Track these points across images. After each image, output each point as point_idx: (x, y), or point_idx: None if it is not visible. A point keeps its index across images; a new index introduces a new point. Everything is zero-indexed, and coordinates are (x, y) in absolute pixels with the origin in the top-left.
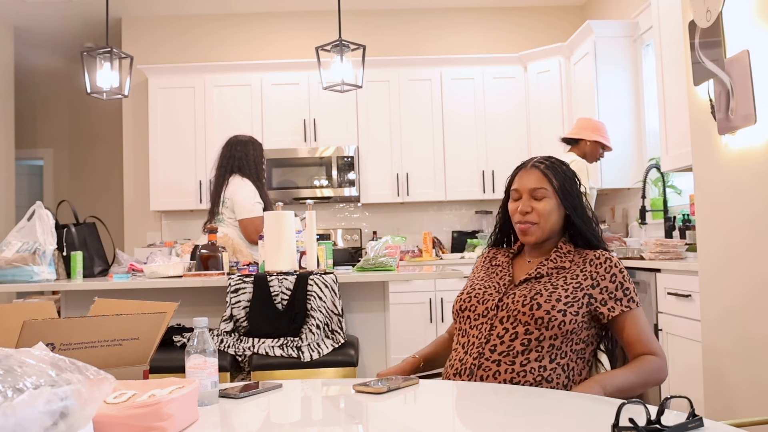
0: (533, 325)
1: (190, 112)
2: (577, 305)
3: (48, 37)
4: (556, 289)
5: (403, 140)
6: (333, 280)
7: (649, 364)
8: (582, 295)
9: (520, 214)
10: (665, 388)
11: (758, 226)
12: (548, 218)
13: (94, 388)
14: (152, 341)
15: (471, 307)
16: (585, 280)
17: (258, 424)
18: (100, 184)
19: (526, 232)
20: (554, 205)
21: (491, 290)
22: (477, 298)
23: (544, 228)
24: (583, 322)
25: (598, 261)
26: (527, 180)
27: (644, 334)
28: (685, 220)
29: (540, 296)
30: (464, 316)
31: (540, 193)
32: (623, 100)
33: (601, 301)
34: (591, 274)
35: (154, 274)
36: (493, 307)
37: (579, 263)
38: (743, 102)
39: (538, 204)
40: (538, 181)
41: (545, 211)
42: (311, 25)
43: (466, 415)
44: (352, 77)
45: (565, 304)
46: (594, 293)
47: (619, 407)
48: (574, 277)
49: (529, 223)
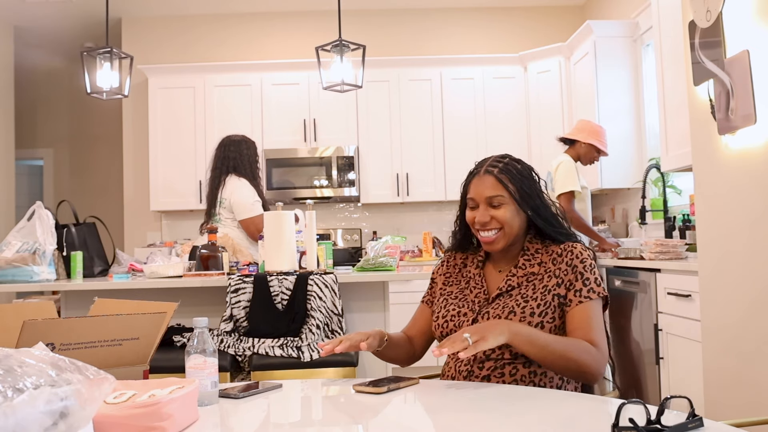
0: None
1: (190, 112)
2: (551, 310)
3: (48, 37)
4: (528, 302)
5: (403, 140)
6: (333, 280)
7: (579, 344)
8: (551, 297)
9: (480, 224)
10: (665, 388)
11: (758, 226)
12: (511, 224)
13: (94, 388)
14: (152, 341)
15: (450, 332)
16: (550, 281)
17: (258, 424)
18: (100, 184)
19: (491, 243)
20: (514, 211)
21: (465, 309)
22: (454, 322)
23: (508, 234)
24: (561, 323)
25: (560, 257)
26: (482, 188)
27: (590, 324)
28: (685, 220)
29: (514, 315)
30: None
31: (497, 200)
32: (623, 100)
33: (566, 296)
34: (555, 272)
35: (154, 274)
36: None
37: (546, 264)
38: (743, 102)
39: (496, 212)
40: (493, 188)
41: (505, 219)
42: (311, 25)
43: (465, 415)
44: (352, 77)
45: (540, 314)
46: (560, 291)
47: (620, 407)
48: (542, 281)
49: (492, 231)
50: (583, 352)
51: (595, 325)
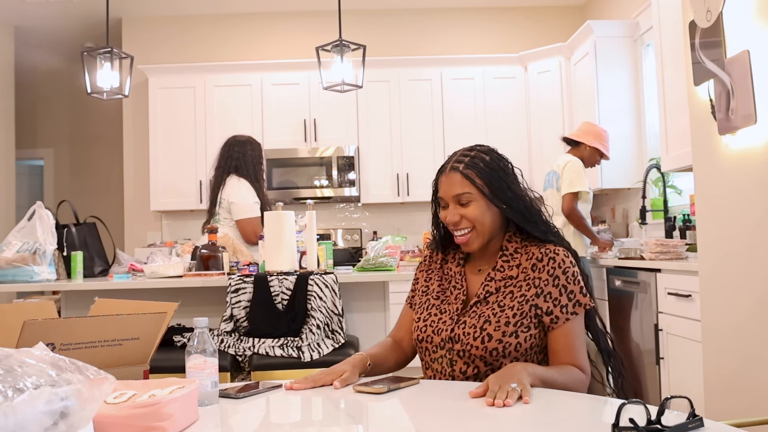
0: (490, 358)
1: (190, 112)
2: (527, 321)
3: (48, 37)
4: (504, 311)
5: (403, 140)
6: (333, 280)
7: (574, 373)
8: (528, 307)
9: (452, 225)
10: (665, 388)
11: (759, 226)
12: (482, 221)
13: (95, 388)
14: (152, 341)
15: (428, 338)
16: (529, 290)
17: (258, 424)
18: (101, 184)
19: (465, 243)
20: (484, 207)
21: (445, 317)
22: (432, 328)
23: (482, 232)
24: (537, 333)
25: (541, 264)
26: (449, 186)
27: (574, 346)
28: (685, 220)
29: (489, 324)
30: (422, 347)
31: (465, 197)
32: (623, 100)
33: (546, 310)
34: (534, 281)
35: (155, 274)
36: (447, 339)
37: (525, 269)
38: (743, 102)
39: (466, 210)
40: (460, 185)
41: (475, 216)
42: (311, 25)
43: (466, 415)
44: (352, 77)
45: (515, 324)
46: (539, 302)
47: (620, 407)
48: (519, 288)
49: (464, 230)
50: (579, 383)
51: (579, 346)
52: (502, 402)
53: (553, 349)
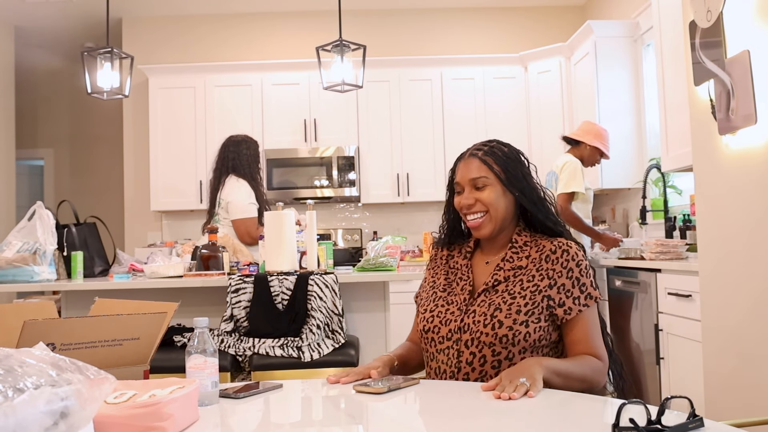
0: (499, 345)
1: (191, 112)
2: (538, 311)
3: (48, 37)
4: (515, 299)
5: (403, 140)
6: (333, 280)
7: (590, 362)
8: (541, 298)
9: (466, 208)
10: (665, 388)
11: (759, 226)
12: (496, 206)
13: (95, 388)
14: (153, 341)
15: (434, 329)
16: (542, 281)
17: (258, 424)
18: (101, 184)
19: (478, 227)
20: (499, 192)
21: (453, 307)
22: (440, 318)
23: (495, 217)
24: (547, 326)
25: (554, 256)
26: (467, 170)
27: (590, 335)
28: (685, 221)
29: (500, 312)
30: (428, 338)
31: (481, 181)
32: (623, 100)
33: (559, 302)
34: (548, 272)
35: (155, 274)
36: (456, 329)
37: (536, 260)
38: (744, 102)
39: (481, 194)
40: (477, 169)
41: (490, 200)
42: (311, 25)
43: (466, 415)
44: (352, 77)
45: (526, 314)
46: (551, 293)
47: (620, 407)
48: (531, 279)
49: (477, 214)
50: (597, 372)
51: (595, 335)
52: (508, 395)
53: (570, 340)
